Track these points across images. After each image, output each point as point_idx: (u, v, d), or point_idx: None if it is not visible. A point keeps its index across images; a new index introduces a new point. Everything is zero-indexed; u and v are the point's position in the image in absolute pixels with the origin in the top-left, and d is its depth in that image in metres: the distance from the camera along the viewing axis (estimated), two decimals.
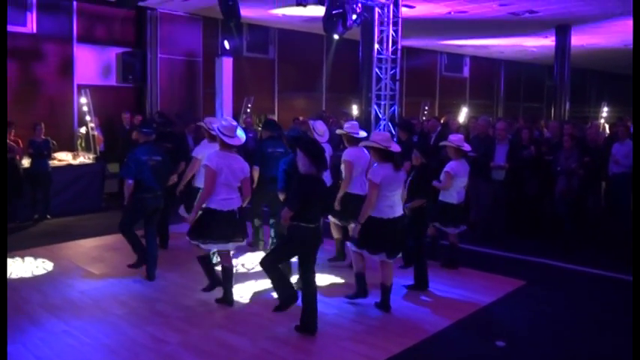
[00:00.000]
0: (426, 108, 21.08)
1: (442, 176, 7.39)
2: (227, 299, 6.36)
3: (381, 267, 6.24)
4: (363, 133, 7.41)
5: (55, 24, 12.89)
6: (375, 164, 6.15)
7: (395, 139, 8.07)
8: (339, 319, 5.99)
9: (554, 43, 16.31)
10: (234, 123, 6.35)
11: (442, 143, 7.79)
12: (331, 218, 7.44)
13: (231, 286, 6.41)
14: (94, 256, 8.20)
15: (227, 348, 5.34)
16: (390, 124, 9.08)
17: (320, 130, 7.77)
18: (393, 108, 9.09)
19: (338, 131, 7.79)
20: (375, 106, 9.00)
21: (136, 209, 7.10)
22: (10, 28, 12.11)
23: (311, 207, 5.49)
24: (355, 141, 7.29)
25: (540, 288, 7.15)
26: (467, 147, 7.47)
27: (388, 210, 6.03)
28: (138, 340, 5.49)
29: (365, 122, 9.15)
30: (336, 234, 7.68)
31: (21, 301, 6.54)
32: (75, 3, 13.00)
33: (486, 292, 6.87)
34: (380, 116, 9.06)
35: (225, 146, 6.16)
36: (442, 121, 13.46)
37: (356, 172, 7.16)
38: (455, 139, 7.50)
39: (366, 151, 7.06)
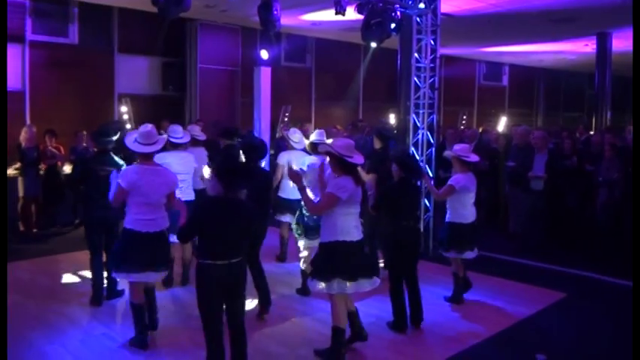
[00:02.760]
0: (464, 117, 20.91)
1: (443, 188, 6.62)
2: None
3: None
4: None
5: (97, 35, 13.17)
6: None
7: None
8: (377, 329, 5.95)
9: (594, 51, 16.06)
10: (149, 128, 5.56)
11: (445, 153, 6.94)
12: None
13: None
14: None
15: (265, 354, 5.36)
16: (428, 133, 9.01)
17: (296, 137, 7.79)
18: (431, 117, 9.02)
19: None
20: (414, 115, 8.94)
21: None
22: (53, 39, 12.45)
23: (215, 238, 4.38)
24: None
25: (581, 301, 7.01)
26: (474, 158, 6.60)
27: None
28: (178, 344, 5.55)
29: (403, 131, 9.10)
30: None
31: (61, 303, 6.69)
32: (116, 14, 13.27)
33: (526, 304, 6.77)
34: (418, 125, 8.99)
35: (143, 157, 5.40)
36: (480, 131, 13.38)
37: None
38: (458, 148, 6.69)
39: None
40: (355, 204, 5.06)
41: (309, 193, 5.39)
